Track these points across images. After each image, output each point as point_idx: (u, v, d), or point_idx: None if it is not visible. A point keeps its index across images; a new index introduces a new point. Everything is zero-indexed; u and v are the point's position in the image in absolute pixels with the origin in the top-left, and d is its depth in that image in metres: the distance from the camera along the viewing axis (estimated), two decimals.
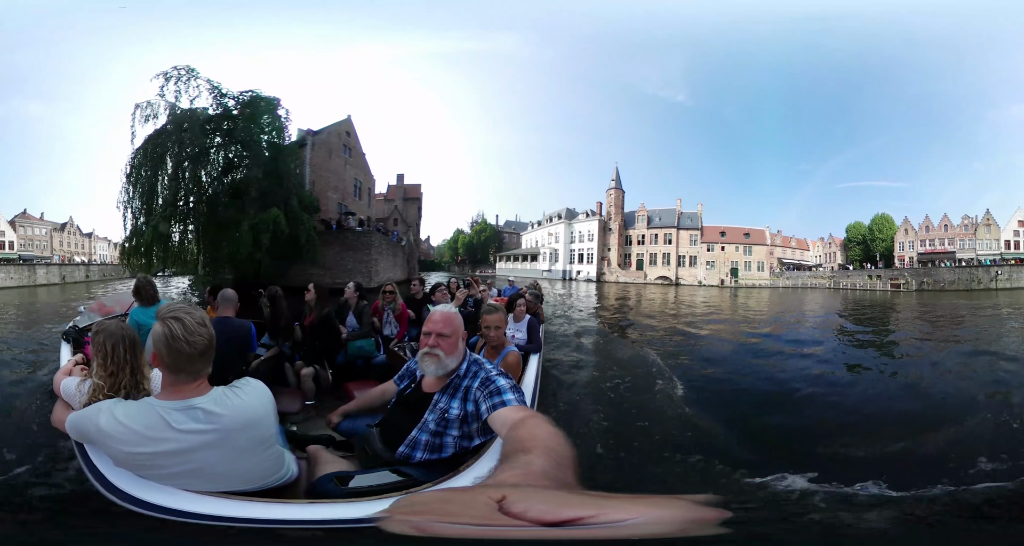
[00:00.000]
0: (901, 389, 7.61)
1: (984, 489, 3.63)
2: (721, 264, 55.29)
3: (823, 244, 59.73)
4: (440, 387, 2.06)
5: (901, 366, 9.75)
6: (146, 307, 3.92)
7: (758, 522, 3.10)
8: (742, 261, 55.18)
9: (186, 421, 1.54)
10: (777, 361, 10.03)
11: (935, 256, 51.30)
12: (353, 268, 26.83)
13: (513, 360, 3.20)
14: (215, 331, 1.67)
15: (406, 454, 2.00)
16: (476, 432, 1.95)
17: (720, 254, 55.58)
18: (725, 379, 8.22)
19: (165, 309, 1.60)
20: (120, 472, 1.55)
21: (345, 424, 2.53)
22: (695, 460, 4.26)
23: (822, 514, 3.31)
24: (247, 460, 1.65)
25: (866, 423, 5.75)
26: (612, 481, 3.77)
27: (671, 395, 6.55)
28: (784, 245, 57.91)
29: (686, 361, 9.48)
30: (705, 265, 55.72)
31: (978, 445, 4.55)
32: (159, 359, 1.56)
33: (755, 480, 3.80)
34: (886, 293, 43.19)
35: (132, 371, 2.00)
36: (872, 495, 3.54)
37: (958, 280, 43.93)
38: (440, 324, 2.07)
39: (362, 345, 4.79)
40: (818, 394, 7.05)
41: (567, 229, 64.19)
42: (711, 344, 12.84)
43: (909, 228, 53.87)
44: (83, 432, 1.61)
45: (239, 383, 1.73)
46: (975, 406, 6.05)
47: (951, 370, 8.83)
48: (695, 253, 56.56)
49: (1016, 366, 8.94)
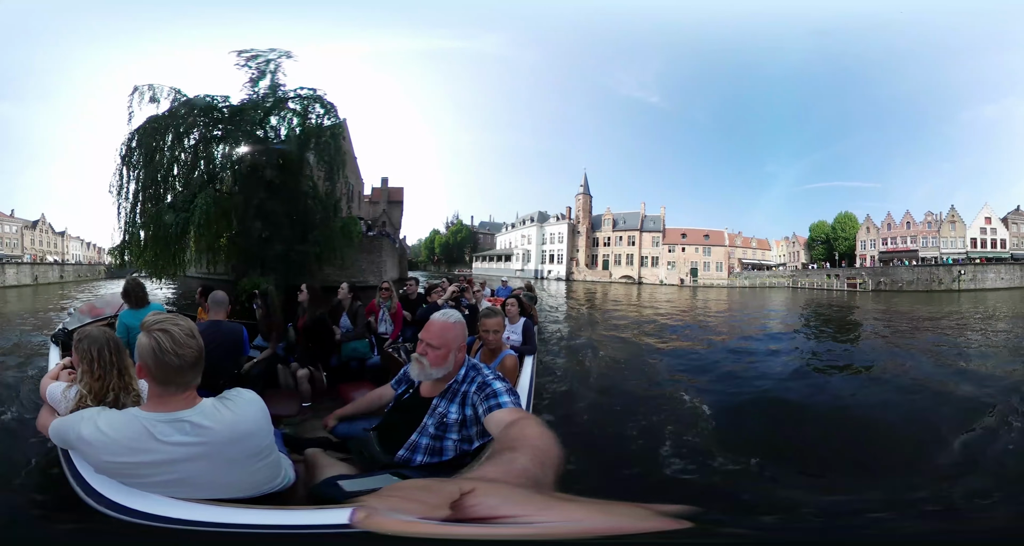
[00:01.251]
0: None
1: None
2: (681, 264, 56.37)
3: (787, 243, 59.14)
4: (439, 392, 2.07)
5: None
6: (136, 310, 3.86)
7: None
8: (701, 261, 56.19)
9: (172, 433, 1.49)
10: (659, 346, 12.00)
11: (897, 255, 49.87)
12: (367, 268, 27.26)
13: (511, 364, 3.20)
14: (206, 335, 1.67)
15: (406, 457, 2.00)
16: (476, 435, 1.96)
17: (681, 255, 56.63)
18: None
19: (151, 320, 1.55)
20: (103, 479, 1.51)
21: (341, 427, 2.51)
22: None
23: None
24: (239, 471, 1.60)
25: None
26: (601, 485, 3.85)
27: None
28: (745, 246, 57.87)
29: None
30: (666, 265, 56.83)
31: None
32: (146, 371, 1.51)
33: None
34: (843, 293, 42.66)
35: (120, 373, 1.97)
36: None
37: (917, 280, 42.16)
38: (432, 335, 2.05)
39: (356, 346, 4.77)
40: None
41: (539, 231, 67.11)
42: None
43: (871, 226, 52.63)
44: (65, 439, 1.58)
45: (230, 395, 1.67)
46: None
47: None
48: (657, 254, 57.79)
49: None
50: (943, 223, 49.85)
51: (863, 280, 44.35)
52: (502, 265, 69.69)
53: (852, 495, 3.67)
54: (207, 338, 1.74)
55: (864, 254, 52.05)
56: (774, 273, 52.74)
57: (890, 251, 50.86)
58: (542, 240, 66.13)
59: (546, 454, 1.01)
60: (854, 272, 46.33)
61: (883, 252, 51.16)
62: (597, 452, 4.57)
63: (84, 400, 1.90)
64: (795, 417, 6.01)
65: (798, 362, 9.64)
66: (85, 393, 1.92)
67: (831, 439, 5.21)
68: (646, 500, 0.62)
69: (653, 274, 57.11)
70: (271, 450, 1.71)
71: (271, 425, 1.73)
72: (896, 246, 50.93)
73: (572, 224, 63.12)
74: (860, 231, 53.29)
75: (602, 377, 7.80)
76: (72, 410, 1.81)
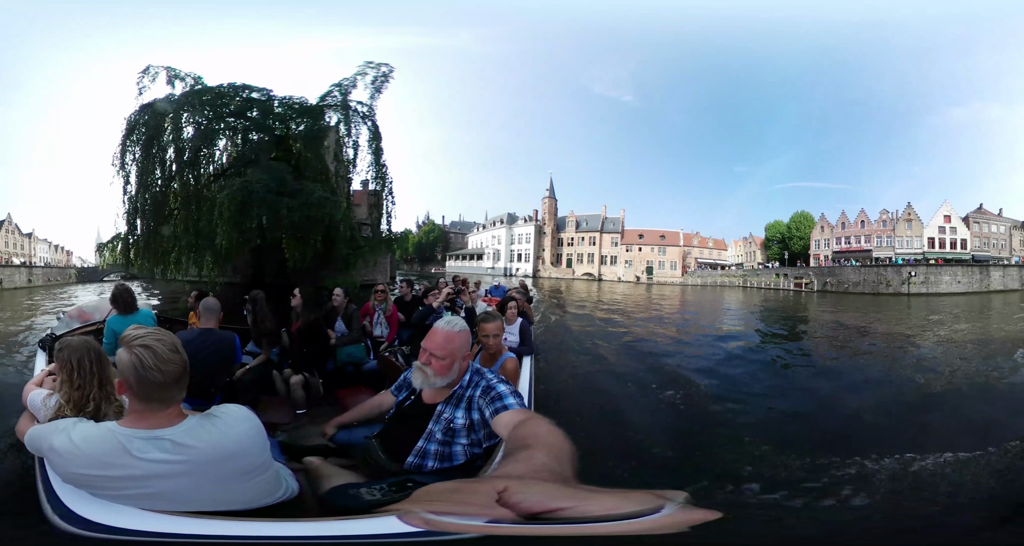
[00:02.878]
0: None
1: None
2: (638, 263, 58.06)
3: (745, 243, 59.34)
4: (443, 398, 2.06)
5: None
6: (124, 316, 3.80)
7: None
8: (657, 261, 57.85)
9: (150, 450, 1.43)
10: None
11: (850, 254, 48.86)
12: (375, 269, 27.40)
13: (511, 367, 3.21)
14: (198, 344, 1.59)
15: (417, 464, 2.00)
16: (484, 438, 1.95)
17: (637, 254, 58.33)
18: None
19: (132, 335, 1.49)
20: (69, 489, 1.46)
21: (341, 435, 2.47)
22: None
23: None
24: (231, 488, 1.55)
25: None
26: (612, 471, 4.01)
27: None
28: (702, 245, 58.51)
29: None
30: (624, 264, 58.43)
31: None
32: (127, 387, 1.45)
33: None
34: (788, 293, 42.34)
35: (101, 384, 1.94)
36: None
37: (864, 281, 40.42)
38: (436, 345, 2.03)
39: (352, 351, 4.70)
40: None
41: (508, 232, 70.65)
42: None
43: (826, 225, 51.77)
44: (37, 447, 1.55)
45: (218, 412, 1.59)
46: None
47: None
48: (616, 253, 59.82)
49: None
50: (899, 222, 48.50)
51: (809, 280, 44.28)
52: (474, 264, 72.69)
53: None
54: (199, 347, 1.69)
55: (818, 254, 51.81)
56: (726, 272, 52.93)
57: (843, 251, 50.01)
58: (511, 240, 69.48)
59: (560, 450, 1.06)
60: (802, 272, 45.82)
61: (836, 252, 50.36)
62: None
63: (63, 409, 1.87)
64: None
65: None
66: (63, 402, 1.90)
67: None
68: (650, 486, 0.67)
69: (612, 272, 59.17)
70: (266, 466, 1.64)
71: (265, 441, 1.66)
72: (850, 246, 50.03)
73: (539, 226, 66.83)
74: (814, 230, 52.86)
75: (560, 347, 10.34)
76: (51, 419, 1.81)
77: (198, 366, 1.71)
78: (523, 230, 67.79)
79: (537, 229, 66.14)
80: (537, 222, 66.67)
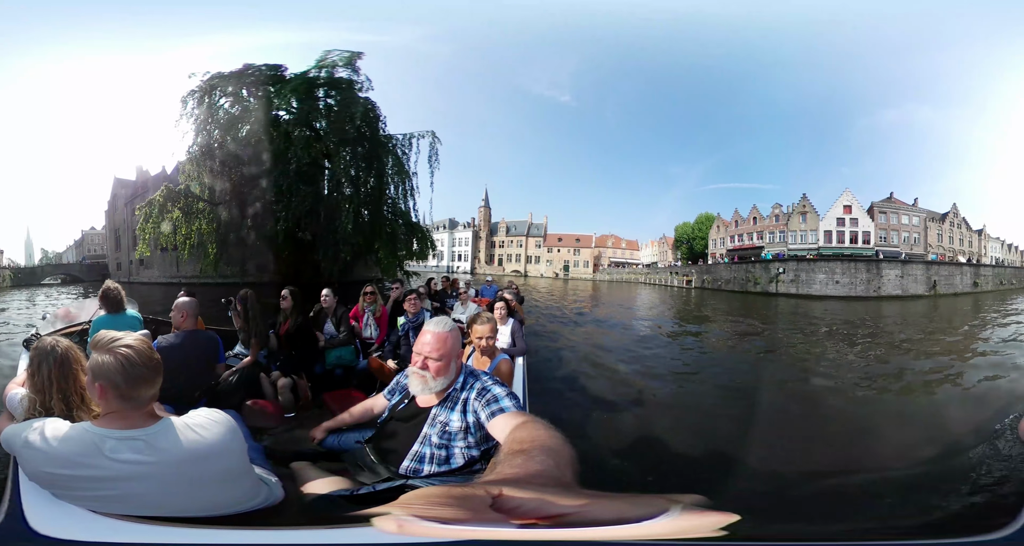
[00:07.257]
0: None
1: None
2: (557, 262, 66.25)
3: (659, 244, 63.79)
4: (437, 400, 2.04)
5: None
6: (112, 315, 3.67)
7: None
8: (572, 260, 65.27)
9: (123, 451, 1.42)
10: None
11: (744, 252, 48.74)
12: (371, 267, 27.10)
13: (505, 368, 3.21)
14: (181, 347, 1.63)
15: (413, 468, 1.98)
16: (481, 441, 1.95)
17: (556, 255, 66.47)
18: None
19: (107, 338, 1.49)
20: (31, 487, 1.44)
21: (330, 440, 2.42)
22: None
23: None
24: (206, 492, 1.53)
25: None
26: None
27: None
28: (615, 246, 64.80)
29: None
30: (545, 263, 67.26)
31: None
32: (109, 389, 1.45)
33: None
34: (673, 289, 46.51)
35: (63, 396, 1.83)
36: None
37: (734, 279, 41.21)
38: (430, 347, 2.01)
39: (341, 354, 4.64)
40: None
41: (450, 236, 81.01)
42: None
43: (722, 224, 52.55)
44: (11, 446, 1.52)
45: (195, 414, 1.57)
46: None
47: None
48: (539, 254, 68.63)
49: None
50: (792, 215, 46.77)
51: (691, 278, 47.68)
52: (421, 263, 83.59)
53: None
54: (182, 349, 1.73)
55: (714, 253, 52.57)
56: (632, 270, 59.21)
57: (736, 248, 50.03)
58: (452, 243, 78.94)
59: (560, 454, 1.05)
60: (687, 270, 48.87)
61: (731, 250, 50.54)
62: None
63: (32, 406, 1.85)
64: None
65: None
66: (34, 399, 1.87)
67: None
68: (663, 490, 0.67)
69: (536, 270, 68.63)
70: (244, 471, 1.63)
71: (243, 445, 1.64)
72: (743, 243, 49.88)
73: (475, 231, 76.53)
74: (712, 229, 54.84)
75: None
76: (25, 418, 1.78)
77: (183, 368, 1.72)
78: (462, 235, 77.35)
79: (474, 234, 75.72)
80: (474, 228, 76.43)
